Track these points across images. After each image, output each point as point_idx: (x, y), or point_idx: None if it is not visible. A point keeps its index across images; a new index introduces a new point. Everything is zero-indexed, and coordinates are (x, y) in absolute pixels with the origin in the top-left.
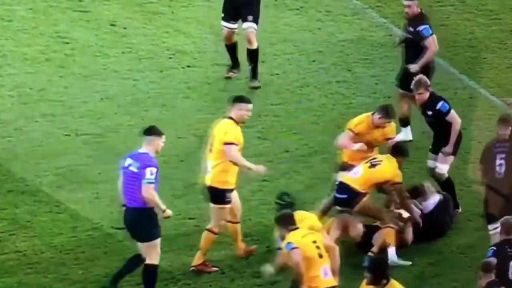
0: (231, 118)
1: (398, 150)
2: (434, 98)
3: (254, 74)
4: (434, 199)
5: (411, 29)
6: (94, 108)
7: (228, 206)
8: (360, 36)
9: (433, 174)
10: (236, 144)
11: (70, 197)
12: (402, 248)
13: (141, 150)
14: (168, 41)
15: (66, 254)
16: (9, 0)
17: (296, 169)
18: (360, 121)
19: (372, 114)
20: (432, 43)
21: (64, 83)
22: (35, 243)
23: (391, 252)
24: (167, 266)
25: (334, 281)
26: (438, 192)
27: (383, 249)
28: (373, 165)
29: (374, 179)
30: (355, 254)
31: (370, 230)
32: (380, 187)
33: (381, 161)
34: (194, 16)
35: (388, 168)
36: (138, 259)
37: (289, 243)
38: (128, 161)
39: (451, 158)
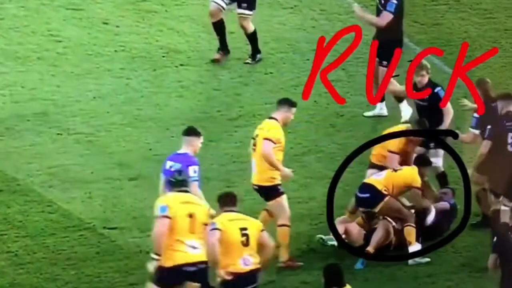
0: (275, 119)
1: (421, 161)
2: (432, 83)
3: (252, 54)
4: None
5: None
6: (87, 107)
7: (284, 195)
8: (353, 35)
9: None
10: (274, 142)
11: (62, 197)
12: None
13: (180, 151)
14: (162, 40)
15: (58, 254)
16: None
17: (290, 168)
18: (399, 141)
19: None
20: (386, 17)
21: (56, 82)
22: (27, 243)
23: (411, 250)
24: None
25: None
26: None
27: (379, 249)
28: (395, 170)
29: (395, 182)
30: (348, 256)
31: (369, 233)
32: (401, 192)
33: (401, 168)
34: (187, 14)
35: (409, 172)
36: None
37: (213, 222)
38: (169, 163)
39: (441, 151)
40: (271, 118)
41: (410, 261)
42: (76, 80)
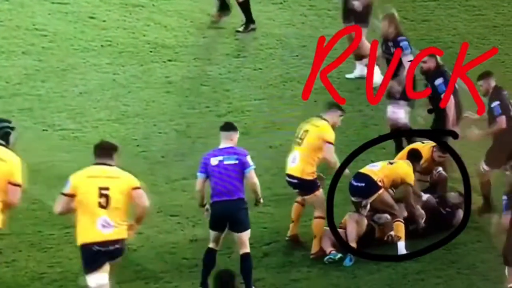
0: (326, 121)
1: (413, 155)
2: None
3: (245, 23)
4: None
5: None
6: (73, 102)
7: (321, 189)
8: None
9: (391, 122)
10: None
11: (48, 194)
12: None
13: (224, 146)
14: (149, 35)
15: (44, 252)
16: None
17: (280, 165)
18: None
19: (433, 149)
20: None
21: (41, 77)
22: (12, 240)
23: (401, 245)
24: (148, 264)
25: (116, 235)
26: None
27: (362, 242)
28: (390, 163)
29: (390, 175)
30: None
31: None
32: (395, 186)
33: (396, 162)
34: (175, 9)
35: (403, 166)
36: (213, 253)
37: (68, 180)
38: (218, 158)
39: (406, 108)
40: (322, 118)
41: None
42: (62, 75)
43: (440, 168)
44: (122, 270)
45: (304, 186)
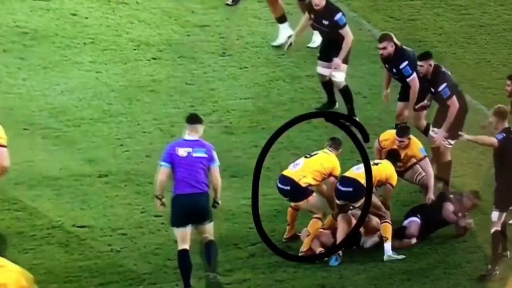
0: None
1: (392, 156)
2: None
3: None
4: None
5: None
6: (54, 101)
7: (314, 193)
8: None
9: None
10: None
11: (29, 194)
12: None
13: (190, 138)
14: (132, 32)
15: (25, 254)
16: None
17: (265, 164)
18: (387, 137)
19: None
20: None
21: (22, 75)
22: None
23: (387, 246)
24: (132, 265)
25: None
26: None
27: (348, 239)
28: (375, 164)
29: (375, 176)
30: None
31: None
32: (379, 185)
33: (381, 162)
34: (159, 6)
35: (386, 167)
36: (187, 254)
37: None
38: (186, 149)
39: (344, 66)
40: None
41: (385, 258)
42: (43, 73)
43: (421, 171)
44: (105, 271)
45: (296, 193)
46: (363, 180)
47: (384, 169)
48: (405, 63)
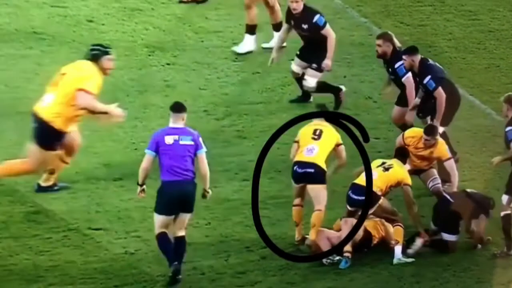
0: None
1: (401, 154)
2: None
3: None
4: None
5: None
6: None
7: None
8: (340, 35)
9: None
10: None
11: (46, 197)
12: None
13: (176, 126)
14: (147, 38)
15: (42, 256)
16: None
17: (277, 168)
18: (413, 134)
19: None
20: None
21: (41, 80)
22: (10, 244)
23: (397, 250)
24: (146, 267)
25: None
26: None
27: (358, 245)
28: (386, 169)
29: (388, 182)
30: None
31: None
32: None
33: (391, 164)
34: (173, 13)
35: (399, 170)
36: (167, 236)
37: None
38: (173, 137)
39: (320, 74)
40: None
41: (395, 261)
42: None
43: (436, 178)
44: (120, 273)
45: (318, 176)
46: (375, 188)
47: (395, 174)
48: (400, 63)
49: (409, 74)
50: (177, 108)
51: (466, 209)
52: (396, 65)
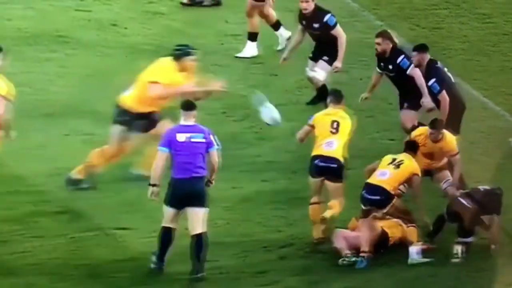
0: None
1: (411, 147)
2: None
3: None
4: None
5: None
6: (95, 107)
7: None
8: (357, 38)
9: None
10: None
11: (74, 197)
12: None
13: (189, 123)
14: (168, 42)
15: (72, 255)
16: None
17: (295, 169)
18: (419, 132)
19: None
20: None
21: (64, 83)
22: (40, 243)
23: (412, 250)
24: (170, 266)
25: None
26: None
27: (375, 246)
28: (397, 166)
29: (401, 178)
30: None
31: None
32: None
33: (402, 160)
34: (194, 16)
35: (409, 164)
36: (172, 232)
37: None
38: (185, 135)
39: (330, 68)
40: (340, 108)
41: (410, 261)
42: (84, 81)
43: (450, 180)
44: (144, 272)
45: (339, 170)
46: (389, 187)
47: (406, 168)
48: (402, 56)
49: (413, 65)
50: (188, 106)
51: (466, 212)
52: (399, 59)
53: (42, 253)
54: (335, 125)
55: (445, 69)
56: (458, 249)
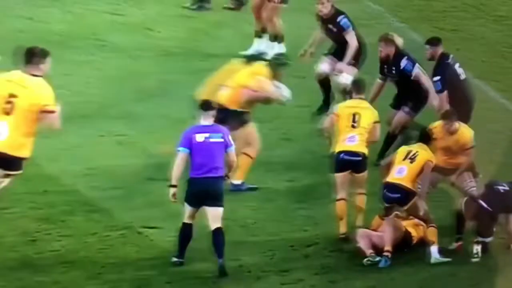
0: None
1: (425, 137)
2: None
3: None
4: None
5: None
6: (129, 109)
7: None
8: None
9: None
10: None
11: (104, 197)
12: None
13: (207, 123)
14: (200, 45)
15: (100, 253)
16: (46, 2)
17: (320, 170)
18: (435, 124)
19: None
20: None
21: (99, 85)
22: (69, 242)
23: (433, 249)
24: (196, 265)
25: None
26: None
27: (397, 245)
28: (412, 160)
29: (418, 170)
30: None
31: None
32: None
33: (417, 152)
34: (224, 20)
35: (424, 153)
36: (190, 228)
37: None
38: (204, 135)
39: (353, 71)
40: (361, 99)
41: (432, 260)
42: (118, 84)
43: (472, 181)
44: (172, 270)
45: (363, 163)
46: (408, 183)
47: (421, 159)
48: (405, 60)
49: (417, 69)
50: (206, 106)
51: (469, 211)
52: (402, 64)
53: (70, 252)
54: (356, 118)
55: (456, 65)
56: (477, 248)
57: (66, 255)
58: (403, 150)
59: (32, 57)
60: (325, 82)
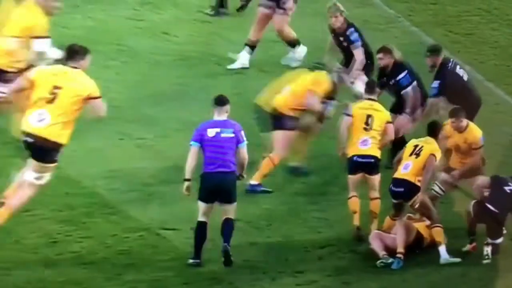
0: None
1: (432, 130)
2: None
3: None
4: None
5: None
6: (147, 112)
7: None
8: (394, 43)
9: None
10: None
11: (122, 199)
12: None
13: (220, 118)
14: (216, 49)
15: (119, 254)
16: (69, 8)
17: (333, 172)
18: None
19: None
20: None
21: (119, 89)
22: (89, 243)
23: (442, 250)
24: (212, 265)
25: None
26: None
27: (409, 247)
28: (417, 155)
29: (422, 164)
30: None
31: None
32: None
33: (422, 147)
34: (241, 25)
35: (429, 147)
36: (205, 226)
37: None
38: (215, 130)
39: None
40: (373, 100)
41: (442, 261)
42: (137, 88)
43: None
44: (189, 271)
45: (376, 166)
46: (412, 178)
47: (426, 153)
48: (402, 75)
49: (409, 88)
50: (221, 101)
51: (477, 213)
52: (399, 77)
53: (90, 253)
54: (369, 120)
55: (457, 67)
56: (487, 250)
57: (86, 256)
58: (411, 144)
59: (73, 53)
60: None
